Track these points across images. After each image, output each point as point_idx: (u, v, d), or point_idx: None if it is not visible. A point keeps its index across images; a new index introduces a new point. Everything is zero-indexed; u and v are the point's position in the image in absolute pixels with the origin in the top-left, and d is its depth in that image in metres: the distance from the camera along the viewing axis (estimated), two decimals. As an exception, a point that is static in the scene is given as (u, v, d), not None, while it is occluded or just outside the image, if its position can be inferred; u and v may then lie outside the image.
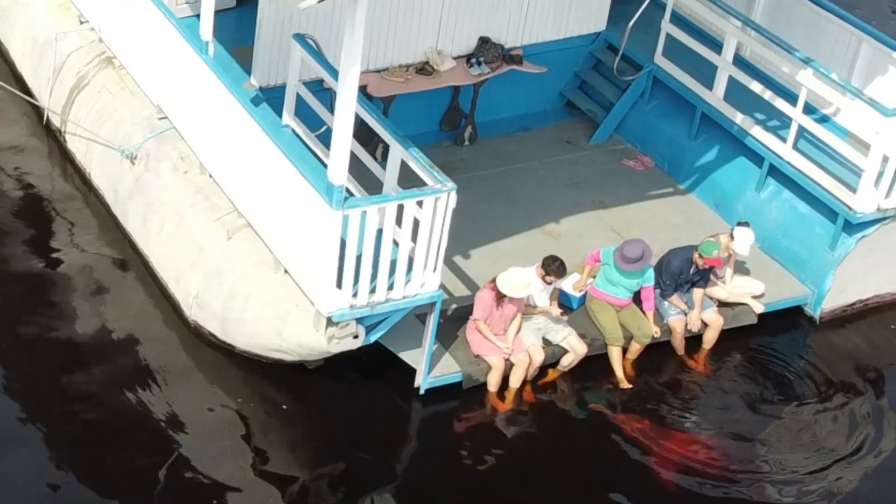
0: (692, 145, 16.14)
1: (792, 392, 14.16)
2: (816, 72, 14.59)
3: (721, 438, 13.48)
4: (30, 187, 15.56)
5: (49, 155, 16.04)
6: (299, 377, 13.53)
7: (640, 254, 13.71)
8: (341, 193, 12.03)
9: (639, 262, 13.72)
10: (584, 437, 13.47)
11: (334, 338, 12.71)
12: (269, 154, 12.90)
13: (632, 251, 13.71)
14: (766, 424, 13.74)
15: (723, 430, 13.57)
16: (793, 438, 13.62)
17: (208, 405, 13.23)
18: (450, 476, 12.92)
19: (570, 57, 16.99)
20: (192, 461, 12.57)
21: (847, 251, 14.59)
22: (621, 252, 13.71)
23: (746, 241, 14.11)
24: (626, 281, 13.78)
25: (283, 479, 12.57)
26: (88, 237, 14.94)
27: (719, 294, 14.44)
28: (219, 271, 13.51)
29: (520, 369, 13.56)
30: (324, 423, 13.30)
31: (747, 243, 14.12)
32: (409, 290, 12.79)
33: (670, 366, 14.31)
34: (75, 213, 15.25)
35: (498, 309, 13.37)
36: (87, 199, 15.39)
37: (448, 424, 13.48)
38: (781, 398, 14.06)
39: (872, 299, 15.18)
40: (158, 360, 13.59)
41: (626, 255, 13.69)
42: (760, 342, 14.75)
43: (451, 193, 12.47)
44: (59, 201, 15.40)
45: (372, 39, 15.53)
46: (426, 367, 13.30)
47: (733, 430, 13.62)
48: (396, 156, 13.02)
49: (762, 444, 13.46)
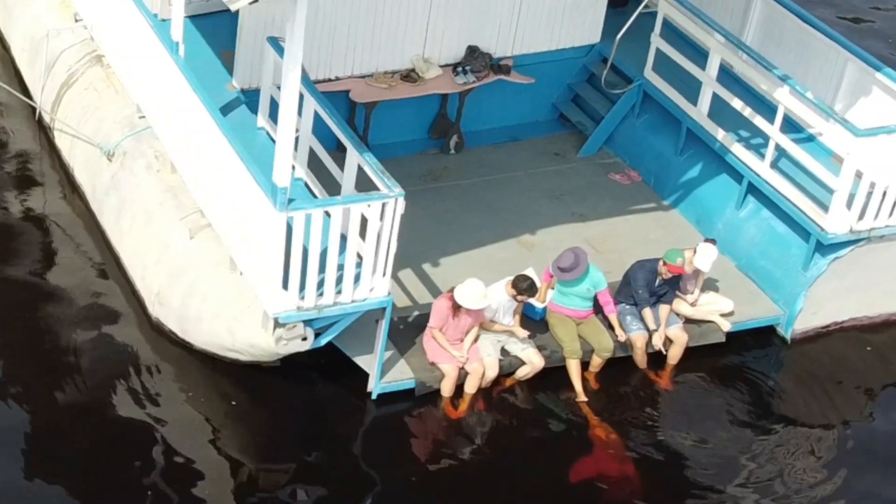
0: (678, 161, 16.03)
1: (757, 413, 13.99)
2: (793, 90, 14.41)
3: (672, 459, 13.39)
4: (15, 183, 15.79)
5: (39, 151, 16.28)
6: (256, 376, 13.60)
7: (573, 261, 13.68)
8: (285, 195, 12.10)
9: (573, 270, 13.69)
10: (536, 446, 13.39)
11: (282, 339, 12.78)
12: (225, 155, 13.00)
13: (564, 261, 13.72)
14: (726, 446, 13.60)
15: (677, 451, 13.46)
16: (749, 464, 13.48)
17: (167, 402, 13.32)
18: (398, 480, 12.91)
19: (563, 69, 16.94)
20: (148, 456, 12.70)
21: (819, 272, 14.40)
22: (556, 265, 13.72)
23: (708, 257, 13.98)
24: (576, 289, 13.73)
25: (234, 476, 12.66)
26: (66, 233, 15.14)
27: (685, 310, 14.32)
28: (179, 270, 13.65)
29: (474, 378, 13.54)
30: (277, 422, 13.38)
31: (709, 259, 13.99)
32: (357, 294, 12.83)
33: (634, 381, 14.20)
34: (56, 209, 15.46)
35: (454, 319, 13.38)
36: (69, 197, 15.60)
37: (400, 429, 13.48)
38: (746, 420, 13.91)
39: (848, 322, 14.97)
40: (120, 356, 13.73)
41: (559, 266, 13.68)
42: (731, 361, 14.61)
43: (400, 199, 12.48)
44: (42, 198, 15.62)
45: (357, 45, 15.63)
46: (378, 372, 13.32)
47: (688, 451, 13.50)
48: (353, 160, 13.06)
49: (712, 469, 13.35)
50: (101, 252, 14.83)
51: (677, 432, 13.67)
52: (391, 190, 12.51)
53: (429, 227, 15.22)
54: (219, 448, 12.95)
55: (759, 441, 13.69)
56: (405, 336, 13.81)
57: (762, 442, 13.69)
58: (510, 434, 13.48)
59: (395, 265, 14.44)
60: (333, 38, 15.44)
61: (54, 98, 15.94)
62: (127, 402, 13.22)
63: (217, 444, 12.99)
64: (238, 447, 13.01)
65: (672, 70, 16.11)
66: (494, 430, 13.49)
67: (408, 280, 14.49)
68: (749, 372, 14.52)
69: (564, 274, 13.67)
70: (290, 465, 12.90)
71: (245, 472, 12.77)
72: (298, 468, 12.87)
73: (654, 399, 14.04)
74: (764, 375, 14.51)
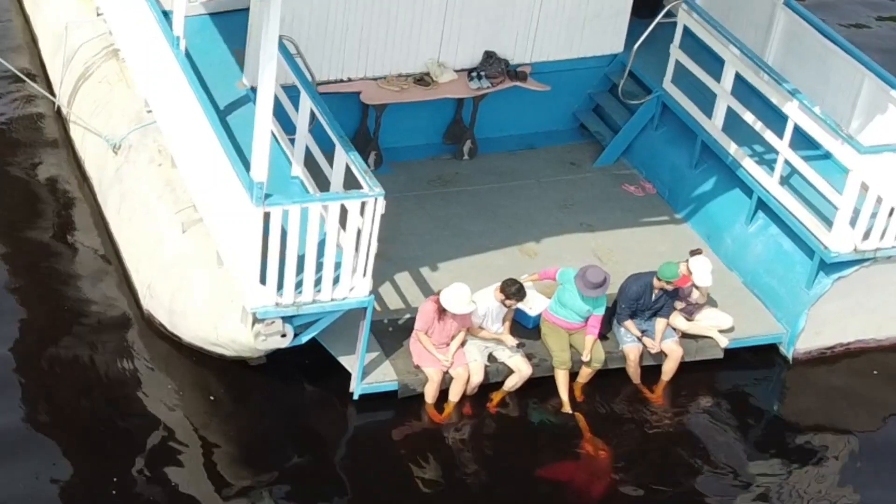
0: (692, 174, 15.76)
1: (754, 433, 13.74)
2: (801, 104, 14.11)
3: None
4: (30, 173, 15.96)
5: (57, 143, 16.42)
6: (242, 373, 13.57)
7: (603, 279, 13.43)
8: (262, 190, 12.06)
9: (601, 287, 13.44)
10: (519, 456, 13.21)
11: (261, 335, 12.74)
12: (212, 149, 13.00)
13: (595, 276, 13.42)
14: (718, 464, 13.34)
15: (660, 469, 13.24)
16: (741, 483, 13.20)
17: (151, 395, 13.34)
18: (376, 483, 12.81)
19: (583, 78, 16.74)
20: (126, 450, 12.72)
21: (823, 291, 14.06)
22: (584, 277, 13.42)
23: (704, 271, 13.72)
24: (580, 305, 13.51)
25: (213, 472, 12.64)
26: (73, 224, 15.28)
27: (681, 325, 14.05)
28: (170, 264, 13.68)
29: (458, 383, 13.39)
30: (260, 420, 13.35)
31: (705, 272, 13.71)
32: (337, 293, 12.75)
33: (626, 394, 13.96)
34: (66, 200, 15.59)
35: (439, 322, 13.25)
36: (80, 189, 15.71)
37: (382, 432, 13.39)
38: (740, 438, 13.64)
39: (854, 344, 14.60)
40: (111, 347, 13.77)
41: (588, 280, 13.39)
42: (730, 378, 14.31)
43: (380, 199, 12.39)
44: (54, 189, 15.76)
45: (369, 47, 15.58)
46: (359, 372, 13.22)
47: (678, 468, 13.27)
48: (341, 158, 12.99)
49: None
50: (104, 244, 14.91)
51: (668, 448, 13.43)
52: (372, 189, 12.41)
53: (431, 230, 15.11)
54: (199, 443, 12.92)
55: (753, 461, 13.38)
56: (393, 338, 13.70)
57: (757, 462, 13.38)
58: (494, 442, 13.31)
59: (392, 267, 14.52)
60: (346, 40, 15.39)
61: (71, 91, 16.08)
62: (110, 395, 13.26)
63: (197, 439, 12.96)
64: (218, 443, 12.98)
65: (692, 82, 15.84)
66: (478, 437, 13.33)
67: (403, 282, 14.38)
68: (748, 390, 14.24)
69: (590, 289, 13.34)
70: (269, 464, 12.81)
71: (224, 469, 12.73)
72: (278, 467, 12.79)
73: (646, 414, 13.79)
74: (763, 394, 14.24)
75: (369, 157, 15.86)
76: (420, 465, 13.01)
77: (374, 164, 15.92)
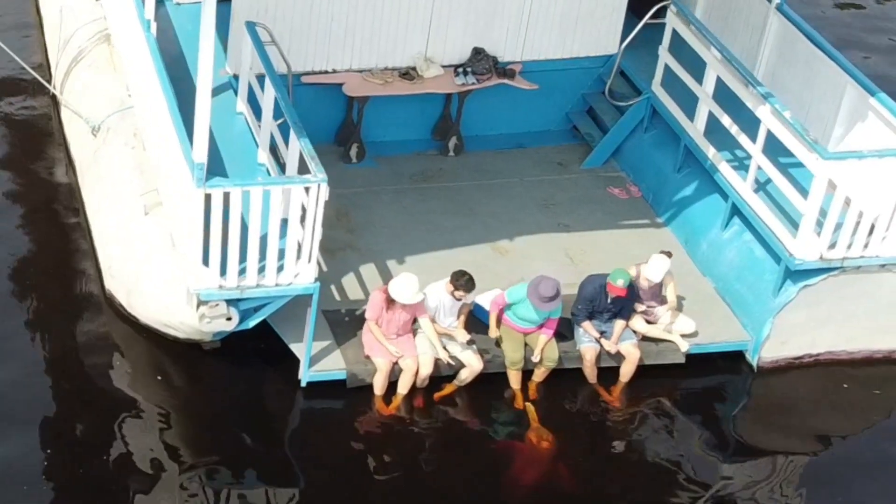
0: (675, 178, 15.56)
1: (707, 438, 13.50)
2: (773, 108, 13.87)
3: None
4: (19, 155, 16.21)
5: (49, 125, 16.64)
6: (197, 356, 13.61)
7: (555, 292, 13.23)
8: (202, 171, 12.10)
9: (554, 300, 13.25)
10: (467, 447, 13.15)
11: (206, 317, 12.79)
12: (168, 131, 13.08)
13: (547, 289, 13.18)
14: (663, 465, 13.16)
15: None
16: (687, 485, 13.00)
17: (105, 374, 13.46)
18: (320, 471, 12.79)
19: (577, 78, 16.59)
20: (74, 428, 12.84)
21: (788, 299, 13.79)
22: (537, 291, 13.19)
23: (657, 266, 13.54)
24: (536, 317, 13.38)
25: (160, 453, 12.70)
26: (55, 207, 15.46)
27: (641, 328, 13.86)
28: (130, 244, 13.78)
29: (407, 375, 13.33)
30: (211, 404, 13.41)
31: (658, 269, 13.54)
32: (282, 278, 12.75)
33: (582, 395, 13.80)
34: (52, 183, 15.79)
35: (388, 312, 13.20)
36: (66, 171, 15.90)
37: (332, 420, 13.35)
38: (693, 443, 13.43)
39: (825, 355, 14.28)
40: (71, 326, 13.93)
41: (541, 294, 13.19)
42: (693, 383, 14.10)
43: (323, 185, 12.38)
44: (41, 172, 15.97)
45: (355, 39, 15.59)
46: (307, 360, 13.21)
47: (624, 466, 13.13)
48: (295, 144, 13.00)
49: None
50: (83, 225, 15.05)
51: (619, 450, 13.29)
52: (316, 175, 12.41)
53: (404, 224, 15.08)
54: (148, 424, 12.99)
55: (705, 467, 13.18)
56: (347, 328, 13.67)
57: (709, 468, 13.17)
58: (442, 434, 13.24)
59: (359, 258, 14.53)
60: (331, 30, 15.41)
61: (64, 74, 16.27)
62: (65, 372, 13.39)
63: (146, 419, 13.04)
64: (167, 424, 13.04)
65: (682, 85, 15.63)
66: (427, 429, 13.26)
67: (367, 274, 14.36)
68: (709, 396, 14.01)
69: (544, 303, 13.18)
70: (216, 447, 12.88)
71: (171, 450, 12.78)
72: (225, 450, 12.84)
73: (602, 415, 13.62)
74: (724, 401, 13.99)
75: (351, 149, 15.86)
76: (367, 454, 12.95)
77: (356, 157, 15.92)
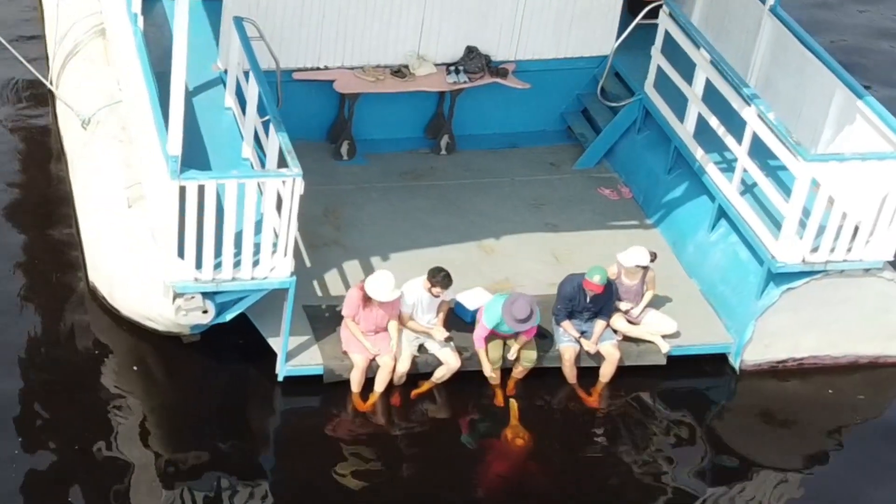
0: (666, 180, 15.49)
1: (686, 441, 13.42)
2: (758, 110, 13.79)
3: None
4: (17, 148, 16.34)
5: (43, 118, 16.75)
6: (176, 349, 13.64)
7: (528, 314, 13.12)
8: (176, 163, 12.14)
9: (527, 321, 13.16)
10: (439, 446, 13.14)
11: (181, 309, 12.82)
12: (149, 125, 13.13)
13: (520, 311, 13.06)
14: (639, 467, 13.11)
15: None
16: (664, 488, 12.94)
17: (87, 365, 13.53)
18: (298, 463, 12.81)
19: (571, 79, 16.54)
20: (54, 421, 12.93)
21: (771, 302, 13.69)
22: (510, 311, 13.07)
23: (631, 253, 13.58)
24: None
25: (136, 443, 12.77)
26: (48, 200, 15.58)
27: (622, 328, 13.80)
28: (113, 237, 13.83)
29: (384, 372, 13.31)
30: (189, 394, 13.46)
31: (631, 255, 13.57)
32: (258, 272, 12.77)
33: (563, 394, 13.75)
34: (47, 176, 15.91)
35: (366, 309, 13.19)
36: (57, 163, 16.00)
37: (308, 415, 13.40)
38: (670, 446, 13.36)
39: (808, 360, 14.18)
40: (55, 317, 14.01)
41: (515, 316, 13.09)
42: (675, 385, 14.01)
43: (298, 179, 12.39)
44: (37, 165, 16.10)
45: (346, 36, 15.60)
46: (283, 354, 13.23)
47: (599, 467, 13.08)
48: (275, 138, 13.02)
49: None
50: (72, 217, 15.13)
51: (597, 450, 13.25)
52: (291, 169, 12.42)
53: (390, 222, 15.08)
54: (125, 416, 13.04)
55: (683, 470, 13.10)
56: (327, 324, 13.67)
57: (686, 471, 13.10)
58: (419, 431, 13.24)
59: (343, 255, 14.54)
60: (322, 27, 15.45)
61: (60, 67, 16.35)
62: (44, 362, 13.49)
63: (123, 411, 13.09)
64: (144, 416, 13.09)
65: (674, 86, 15.55)
66: (403, 425, 13.25)
67: (350, 270, 14.36)
68: (690, 398, 13.92)
69: (519, 323, 13.11)
70: (192, 440, 12.90)
71: (148, 441, 12.82)
72: (201, 443, 12.84)
73: (580, 415, 13.58)
74: (705, 404, 13.92)
75: (342, 146, 15.88)
76: (343, 449, 12.96)
77: (347, 154, 15.93)
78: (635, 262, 13.53)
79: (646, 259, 13.58)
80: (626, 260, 13.55)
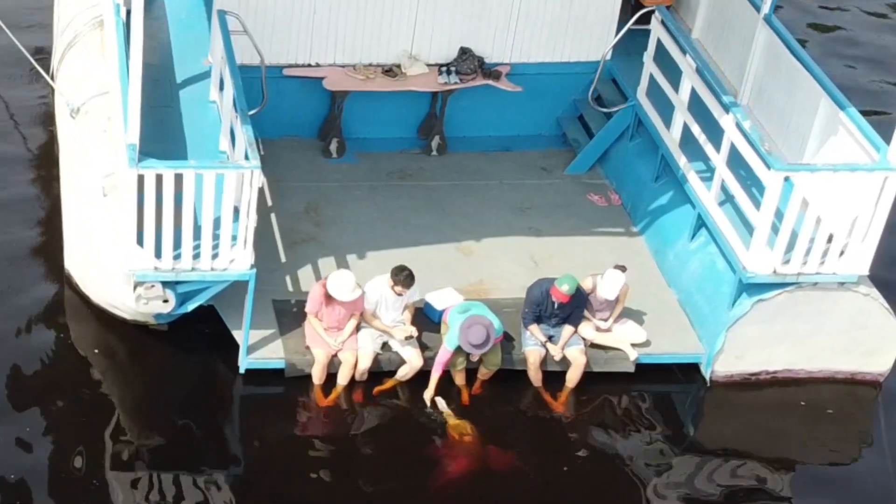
0: (652, 187, 15.32)
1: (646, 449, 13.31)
2: (734, 118, 13.60)
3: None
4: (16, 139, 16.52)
5: (41, 109, 16.92)
6: (144, 337, 13.73)
7: (484, 339, 13.04)
8: (134, 152, 12.20)
9: (484, 344, 13.08)
10: (403, 441, 13.10)
11: (142, 297, 12.89)
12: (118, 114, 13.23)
13: (476, 337, 13.00)
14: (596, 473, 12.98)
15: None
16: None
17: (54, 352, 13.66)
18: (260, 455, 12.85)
19: (568, 83, 16.42)
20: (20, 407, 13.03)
21: (742, 313, 13.48)
22: (466, 335, 13.00)
23: (612, 284, 13.33)
24: None
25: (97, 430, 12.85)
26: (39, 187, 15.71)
27: (590, 335, 13.66)
28: (87, 225, 13.93)
29: (346, 368, 13.30)
30: (153, 383, 13.55)
31: (612, 287, 13.33)
32: (217, 263, 12.80)
33: (528, 398, 13.64)
34: (41, 163, 16.04)
35: (328, 307, 13.19)
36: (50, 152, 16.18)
37: (268, 408, 13.41)
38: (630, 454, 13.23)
39: (782, 373, 13.95)
40: (29, 303, 14.12)
41: (471, 342, 13.03)
42: (644, 392, 13.85)
43: (256, 172, 12.40)
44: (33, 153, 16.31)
45: (338, 33, 15.63)
46: (244, 347, 13.24)
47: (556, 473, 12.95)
48: (241, 131, 13.05)
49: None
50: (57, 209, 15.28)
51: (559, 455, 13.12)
52: (249, 161, 12.44)
53: (372, 220, 15.05)
54: (88, 402, 13.14)
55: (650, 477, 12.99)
56: (293, 318, 13.68)
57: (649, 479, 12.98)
58: (379, 427, 13.21)
59: (320, 251, 14.55)
60: (313, 23, 15.47)
61: (59, 58, 16.51)
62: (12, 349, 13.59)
63: (86, 397, 13.19)
64: (107, 403, 13.18)
65: (665, 93, 15.39)
66: (365, 421, 13.23)
67: (326, 267, 14.34)
68: (658, 406, 13.78)
69: (472, 349, 13.06)
70: (155, 428, 12.99)
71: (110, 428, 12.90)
72: (164, 432, 12.93)
73: (546, 419, 13.46)
74: (674, 413, 13.75)
75: (331, 143, 15.88)
76: (304, 443, 13.00)
77: (336, 152, 15.94)
78: (618, 292, 13.36)
79: (623, 281, 13.40)
80: (610, 292, 13.36)
